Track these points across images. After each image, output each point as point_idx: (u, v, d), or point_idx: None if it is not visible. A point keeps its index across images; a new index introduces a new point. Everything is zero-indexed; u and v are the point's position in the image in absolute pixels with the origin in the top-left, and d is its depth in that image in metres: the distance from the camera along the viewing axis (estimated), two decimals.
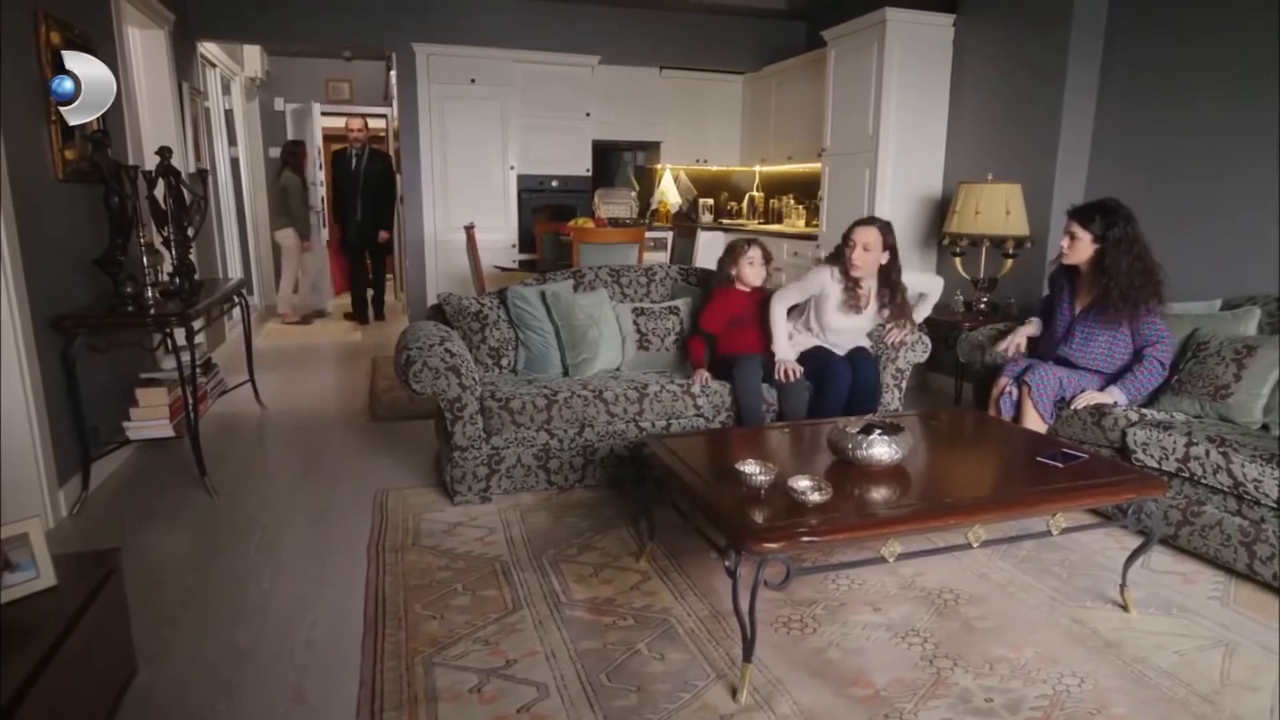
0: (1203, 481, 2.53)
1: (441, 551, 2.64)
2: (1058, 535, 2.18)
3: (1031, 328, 3.28)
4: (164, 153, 3.45)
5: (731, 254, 3.39)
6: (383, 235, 7.18)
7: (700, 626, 2.20)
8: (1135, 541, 2.46)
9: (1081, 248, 3.02)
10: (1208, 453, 2.50)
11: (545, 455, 3.08)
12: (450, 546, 2.68)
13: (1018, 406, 3.03)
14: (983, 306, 4.06)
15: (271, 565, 2.57)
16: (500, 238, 6.16)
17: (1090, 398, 2.94)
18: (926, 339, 3.45)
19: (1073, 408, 2.96)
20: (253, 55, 7.29)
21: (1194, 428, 2.65)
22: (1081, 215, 3.03)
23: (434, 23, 5.96)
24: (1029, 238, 3.94)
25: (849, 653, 2.08)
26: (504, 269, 5.56)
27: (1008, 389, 3.07)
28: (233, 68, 6.76)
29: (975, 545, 2.08)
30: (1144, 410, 2.87)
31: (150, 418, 3.25)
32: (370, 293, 7.49)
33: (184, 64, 5.16)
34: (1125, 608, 2.29)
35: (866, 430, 2.26)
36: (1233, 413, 2.73)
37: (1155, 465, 2.66)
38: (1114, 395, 2.92)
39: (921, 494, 2.19)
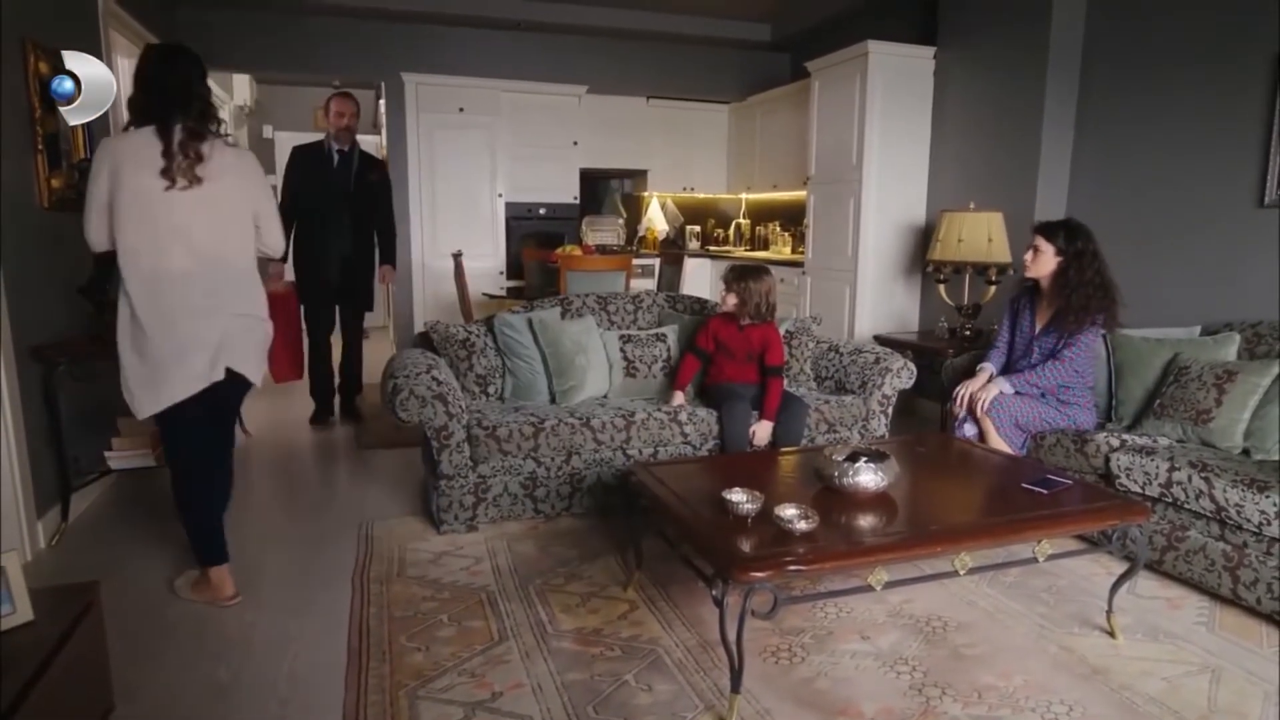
0: (1186, 507, 2.55)
1: (427, 582, 2.62)
2: (1044, 561, 2.19)
3: (983, 377, 3.17)
4: None
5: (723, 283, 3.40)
6: (388, 274, 4.71)
7: (688, 657, 2.18)
8: (1121, 567, 2.47)
9: (1044, 261, 3.10)
10: (1190, 478, 2.53)
11: (532, 483, 3.07)
12: (436, 576, 2.66)
13: (980, 434, 3.10)
14: (967, 333, 4.10)
15: (253, 597, 2.53)
16: (488, 265, 6.18)
17: (977, 389, 3.10)
18: (911, 365, 3.48)
19: (961, 403, 3.13)
20: (242, 84, 7.33)
21: (1176, 453, 2.68)
22: (1046, 229, 3.12)
23: (423, 53, 6.02)
24: (1011, 265, 3.99)
25: (837, 682, 2.07)
26: (491, 296, 5.57)
27: (962, 420, 3.14)
28: (222, 96, 6.79)
29: (962, 572, 2.08)
30: (1126, 436, 2.90)
31: (132, 447, 3.20)
32: (336, 377, 4.72)
33: None
34: (1112, 634, 2.29)
35: (852, 458, 2.27)
36: (1214, 437, 2.76)
37: (1139, 490, 2.68)
38: (1000, 385, 3.08)
39: (908, 521, 2.19)
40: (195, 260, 2.31)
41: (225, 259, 2.37)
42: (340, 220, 4.43)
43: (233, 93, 7.14)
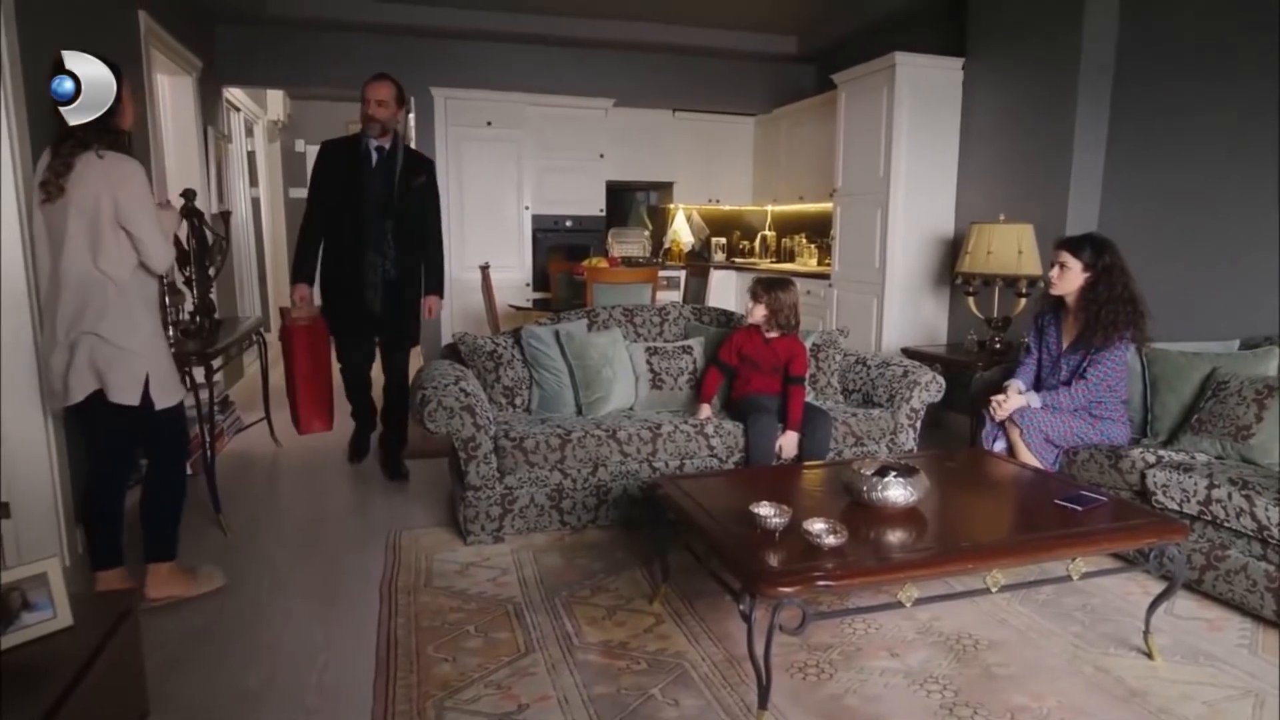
0: (1226, 525, 2.49)
1: (454, 592, 2.63)
2: (1078, 580, 2.15)
3: (1014, 392, 3.09)
4: (188, 195, 3.52)
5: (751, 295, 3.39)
6: (435, 306, 3.87)
7: (715, 672, 2.17)
8: (1158, 586, 2.41)
9: (1071, 277, 3.05)
10: (1230, 495, 2.47)
11: (558, 495, 3.08)
12: (463, 587, 2.67)
13: (1010, 449, 3.06)
14: (996, 346, 4.05)
15: (283, 605, 2.56)
16: (514, 277, 6.23)
17: (1008, 401, 3.06)
18: (940, 378, 3.44)
19: (995, 416, 3.09)
20: (275, 99, 7.49)
21: (1215, 469, 2.61)
22: (1071, 245, 3.07)
23: (451, 67, 6.11)
24: (1041, 277, 3.94)
25: (866, 700, 2.04)
26: (518, 308, 5.61)
27: (993, 434, 3.10)
28: (256, 111, 6.94)
29: (994, 590, 2.05)
30: (1163, 452, 2.84)
31: None
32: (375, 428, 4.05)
33: (210, 109, 5.31)
34: (1150, 655, 2.24)
35: (882, 472, 2.25)
36: (1255, 454, 2.70)
37: (1176, 508, 2.62)
38: (1029, 399, 3.05)
39: (938, 537, 2.17)
40: (52, 278, 2.34)
41: (80, 274, 2.30)
42: (381, 234, 3.58)
43: (266, 108, 7.30)
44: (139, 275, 2.41)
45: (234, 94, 6.13)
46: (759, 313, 3.26)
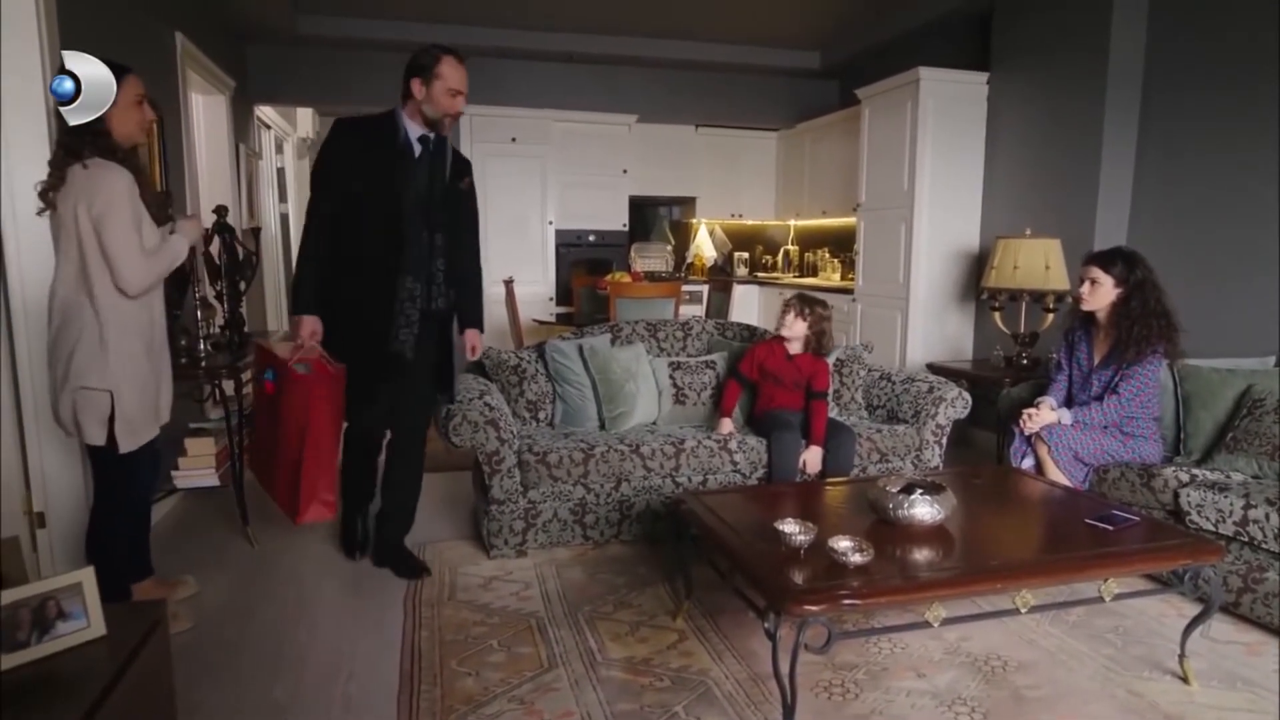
0: (1264, 547, 2.43)
1: (477, 606, 2.64)
2: (1110, 601, 2.11)
3: (1046, 407, 3.04)
4: (220, 211, 3.59)
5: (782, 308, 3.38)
6: (476, 341, 2.97)
7: (738, 689, 2.15)
8: (1194, 609, 2.35)
9: (1103, 293, 3.01)
10: (1267, 516, 2.41)
11: (581, 509, 3.08)
12: (486, 601, 2.67)
13: (1038, 467, 3.01)
14: (1024, 361, 4.00)
15: (308, 617, 2.58)
16: (538, 291, 6.27)
17: (1039, 414, 3.02)
18: (966, 394, 3.41)
19: (1025, 428, 3.04)
20: (304, 117, 7.63)
21: (1251, 489, 2.56)
22: (1102, 260, 3.03)
23: (477, 84, 6.12)
24: (1069, 292, 3.89)
25: None
26: (542, 322, 5.64)
27: (1020, 450, 3.06)
28: (286, 129, 7.07)
29: (1023, 610, 2.02)
30: (1196, 471, 2.78)
31: (197, 466, 3.31)
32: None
33: (241, 126, 5.42)
34: (1185, 679, 2.19)
35: (907, 489, 2.23)
36: None
37: (1211, 528, 2.56)
38: (1061, 415, 3.01)
39: (965, 556, 2.14)
40: (49, 301, 2.21)
41: (62, 297, 2.18)
42: (426, 253, 2.70)
43: (296, 125, 7.43)
44: (126, 300, 2.21)
45: (264, 112, 6.25)
46: (799, 328, 3.23)
